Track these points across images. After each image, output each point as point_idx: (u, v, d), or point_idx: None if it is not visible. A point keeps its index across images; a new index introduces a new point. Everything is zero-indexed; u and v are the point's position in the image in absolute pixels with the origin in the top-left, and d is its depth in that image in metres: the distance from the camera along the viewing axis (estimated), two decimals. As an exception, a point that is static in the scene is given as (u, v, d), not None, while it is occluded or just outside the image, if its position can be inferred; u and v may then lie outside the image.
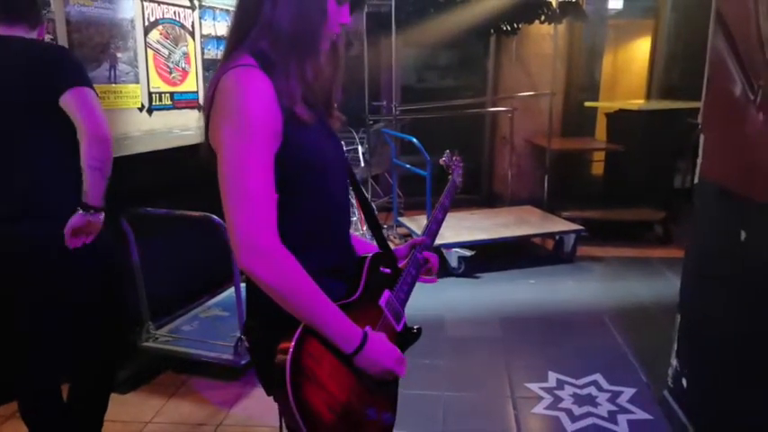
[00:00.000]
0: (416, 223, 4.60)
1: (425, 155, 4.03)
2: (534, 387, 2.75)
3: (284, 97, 1.04)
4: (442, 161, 1.64)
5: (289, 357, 1.01)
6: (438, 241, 4.11)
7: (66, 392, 2.06)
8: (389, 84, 5.51)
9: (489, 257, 4.40)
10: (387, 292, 1.25)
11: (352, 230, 3.88)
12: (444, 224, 4.87)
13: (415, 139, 4.12)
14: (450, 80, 6.56)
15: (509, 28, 5.26)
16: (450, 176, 1.60)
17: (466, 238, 4.32)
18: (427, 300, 3.85)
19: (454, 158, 1.65)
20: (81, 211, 1.79)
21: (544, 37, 5.65)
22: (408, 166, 4.51)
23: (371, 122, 5.06)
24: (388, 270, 1.27)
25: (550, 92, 5.23)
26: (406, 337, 1.29)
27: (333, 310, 1.06)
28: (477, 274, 4.24)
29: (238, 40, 1.10)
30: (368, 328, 1.12)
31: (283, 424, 1.09)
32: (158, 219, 2.76)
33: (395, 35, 4.86)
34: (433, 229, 1.41)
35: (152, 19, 3.26)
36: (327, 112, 1.21)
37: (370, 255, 1.25)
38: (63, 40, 2.78)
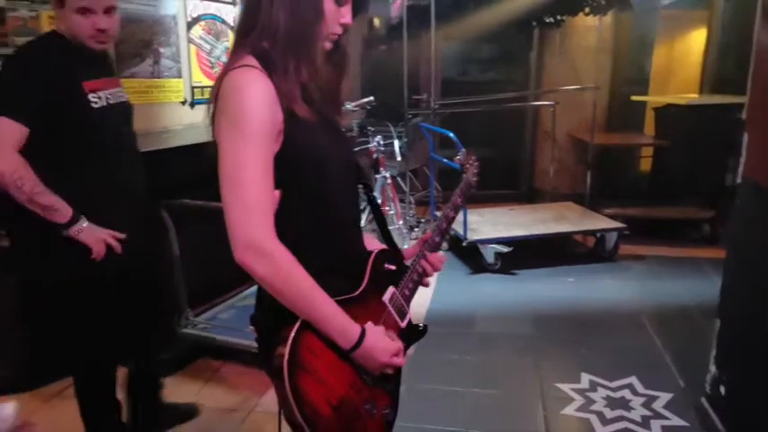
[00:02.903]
0: (453, 218, 4.58)
1: (461, 148, 3.99)
2: (565, 388, 2.70)
3: (284, 97, 1.06)
4: (456, 159, 1.63)
5: (287, 350, 1.03)
6: (474, 236, 4.14)
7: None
8: (430, 77, 5.48)
9: (527, 254, 4.34)
10: (391, 289, 1.25)
11: (389, 226, 3.89)
12: (482, 219, 4.83)
13: (451, 134, 4.09)
14: (492, 74, 6.47)
15: (552, 20, 5.14)
16: (464, 175, 1.58)
17: (503, 233, 4.27)
18: (459, 295, 3.83)
19: (470, 158, 1.63)
20: None
21: (590, 29, 5.50)
22: (445, 160, 4.48)
23: (410, 116, 5.05)
24: (392, 267, 1.27)
25: (594, 85, 5.08)
26: (410, 335, 1.30)
27: (330, 305, 1.08)
28: (514, 271, 4.19)
29: (242, 39, 1.12)
30: (368, 324, 1.13)
31: (282, 418, 1.11)
32: (198, 210, 2.83)
33: (434, 28, 4.82)
34: (443, 227, 1.40)
35: (194, 15, 3.35)
36: (334, 110, 1.21)
37: (375, 251, 1.25)
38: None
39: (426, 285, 1.36)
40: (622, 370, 2.83)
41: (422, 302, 3.65)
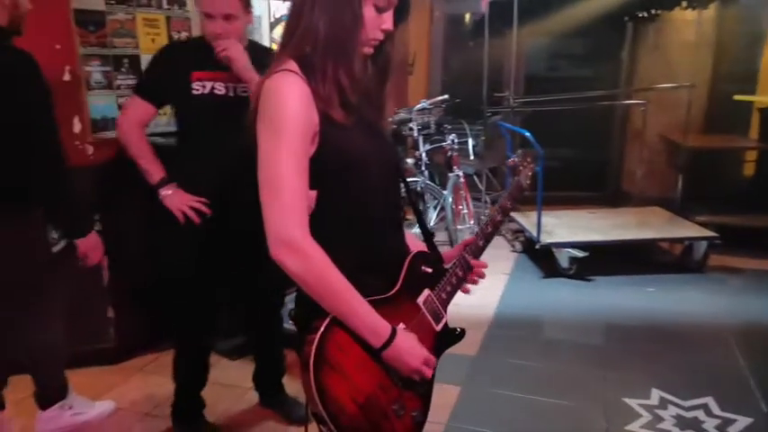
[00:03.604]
0: (528, 219, 4.47)
1: (538, 149, 3.89)
2: (632, 403, 2.58)
3: (320, 100, 1.09)
4: (510, 161, 1.57)
5: (314, 345, 1.06)
6: (548, 239, 4.03)
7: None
8: (514, 75, 5.37)
9: (606, 260, 4.17)
10: (426, 291, 1.25)
11: (460, 225, 3.84)
12: (558, 222, 4.66)
13: (528, 133, 3.99)
14: (581, 71, 6.22)
15: (646, 14, 4.86)
16: (516, 177, 1.53)
17: (579, 237, 4.12)
18: (529, 298, 3.75)
19: (526, 159, 1.57)
20: None
21: (688, 23, 5.15)
22: (521, 160, 4.39)
23: (488, 114, 4.97)
24: (429, 269, 1.27)
25: (690, 83, 4.76)
26: (445, 338, 1.29)
27: (361, 304, 1.10)
28: (590, 277, 4.03)
29: (286, 43, 1.16)
30: (400, 326, 1.14)
31: (310, 413, 1.13)
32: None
33: (517, 24, 4.72)
34: (488, 231, 1.37)
35: (277, 16, 3.49)
36: (377, 113, 1.23)
37: (412, 253, 1.26)
38: (197, 37, 3.08)
39: (466, 292, 1.35)
40: (698, 389, 2.66)
41: (489, 304, 3.60)
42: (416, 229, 4.18)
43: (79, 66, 2.63)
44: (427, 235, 1.37)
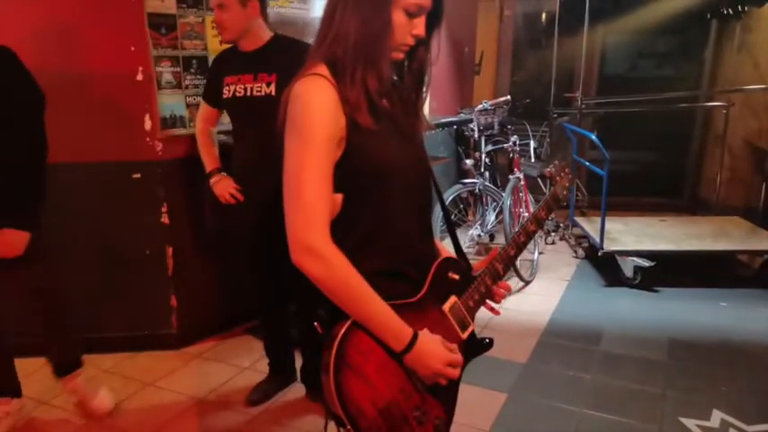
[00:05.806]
0: (592, 225, 4.32)
1: (604, 152, 3.74)
2: (690, 423, 2.44)
3: (348, 105, 1.09)
4: (547, 171, 1.53)
5: (334, 347, 1.07)
6: (612, 246, 3.88)
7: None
8: (587, 75, 5.19)
9: (676, 271, 3.97)
10: (453, 298, 1.23)
11: (518, 228, 3.77)
12: (625, 229, 4.47)
13: (593, 136, 3.85)
14: (660, 71, 5.92)
15: (730, 11, 4.55)
16: (552, 187, 1.48)
17: (645, 246, 3.94)
18: (588, 307, 3.62)
19: (564, 169, 1.52)
20: None
21: (780, 20, 4.78)
22: (587, 163, 4.24)
23: (555, 116, 4.82)
24: (456, 276, 1.25)
25: (779, 86, 4.43)
26: (472, 347, 1.27)
27: (382, 308, 1.09)
28: (656, 288, 3.84)
29: (318, 46, 1.16)
30: (424, 330, 1.13)
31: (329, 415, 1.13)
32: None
33: (588, 21, 4.55)
34: (520, 240, 1.33)
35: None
36: (412, 118, 1.22)
37: (439, 259, 1.24)
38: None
39: (497, 314, 1.33)
40: (766, 413, 2.48)
41: (544, 310, 3.51)
42: (474, 230, 4.15)
43: (152, 66, 2.78)
44: (456, 242, 1.35)
